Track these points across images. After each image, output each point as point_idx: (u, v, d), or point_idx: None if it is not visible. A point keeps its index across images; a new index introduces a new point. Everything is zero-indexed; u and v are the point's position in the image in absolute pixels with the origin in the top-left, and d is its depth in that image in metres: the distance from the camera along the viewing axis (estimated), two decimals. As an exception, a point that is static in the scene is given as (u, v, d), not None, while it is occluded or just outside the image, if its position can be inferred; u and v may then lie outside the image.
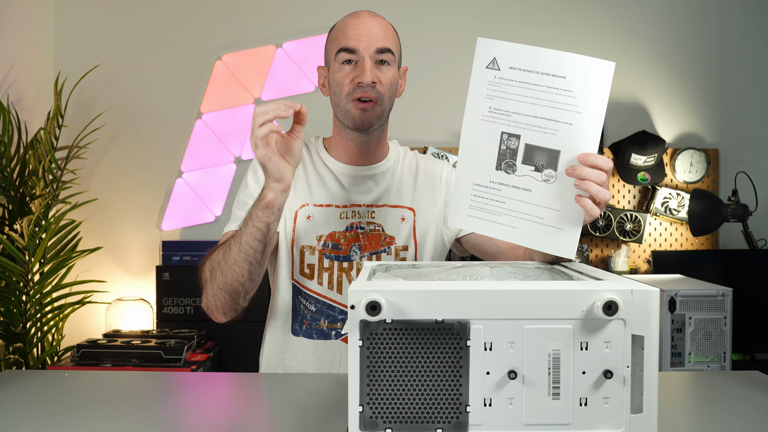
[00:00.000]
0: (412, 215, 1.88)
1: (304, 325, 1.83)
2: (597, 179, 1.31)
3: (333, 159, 1.90)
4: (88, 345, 3.13)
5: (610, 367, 1.07)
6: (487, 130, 1.37)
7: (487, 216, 1.39)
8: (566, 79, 1.35)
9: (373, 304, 1.04)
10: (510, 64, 1.36)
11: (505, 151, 1.37)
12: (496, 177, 1.38)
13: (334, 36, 1.80)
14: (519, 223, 1.38)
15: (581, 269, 1.33)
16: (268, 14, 4.01)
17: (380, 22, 1.79)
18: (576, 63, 1.36)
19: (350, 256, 1.82)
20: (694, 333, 2.73)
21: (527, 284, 1.11)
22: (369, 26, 1.75)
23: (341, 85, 1.77)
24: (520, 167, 1.36)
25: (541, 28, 4.03)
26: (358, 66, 1.75)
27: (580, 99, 1.34)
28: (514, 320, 1.07)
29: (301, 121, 1.56)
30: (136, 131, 4.00)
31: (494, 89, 1.37)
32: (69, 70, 3.76)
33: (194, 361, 3.14)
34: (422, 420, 1.08)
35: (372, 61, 1.74)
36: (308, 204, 1.84)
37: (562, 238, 1.36)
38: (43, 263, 3.34)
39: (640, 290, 1.06)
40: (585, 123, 1.34)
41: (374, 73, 1.74)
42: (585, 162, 1.32)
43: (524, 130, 1.35)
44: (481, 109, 1.37)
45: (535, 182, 1.36)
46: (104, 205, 3.94)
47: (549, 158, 1.35)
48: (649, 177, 3.86)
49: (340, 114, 1.82)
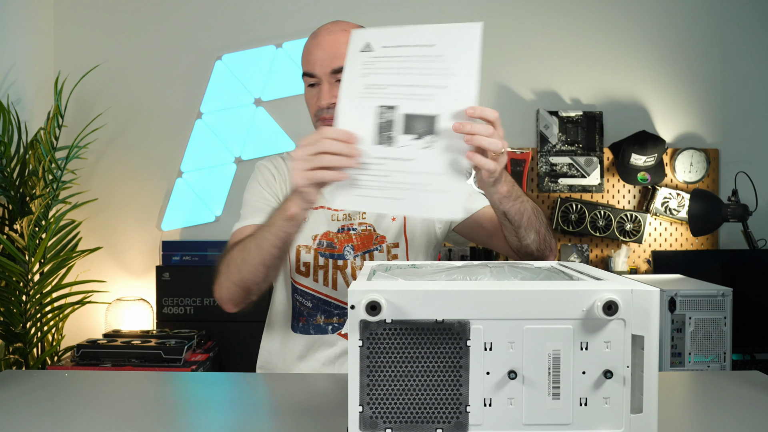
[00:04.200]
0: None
1: (301, 321, 1.88)
2: (485, 132, 1.32)
3: None
4: (88, 345, 3.14)
5: (610, 367, 1.07)
6: (363, 107, 1.39)
7: (374, 193, 1.39)
8: (436, 46, 1.36)
9: (373, 304, 1.05)
10: (383, 44, 1.39)
11: (384, 124, 1.37)
12: (376, 152, 1.38)
13: (302, 58, 1.83)
14: (406, 194, 1.37)
15: (581, 269, 1.33)
16: (268, 14, 4.01)
17: (336, 38, 1.77)
18: (443, 30, 1.37)
19: (344, 255, 1.86)
20: (694, 333, 2.73)
21: (527, 284, 1.11)
22: (324, 47, 1.76)
23: (309, 105, 1.85)
24: (400, 138, 1.36)
25: (540, 28, 4.04)
26: (318, 88, 1.79)
27: (451, 62, 1.35)
28: (514, 320, 1.07)
29: None
30: (136, 131, 4.00)
31: (368, 68, 1.39)
32: (69, 70, 3.76)
33: (194, 361, 3.14)
34: (422, 420, 1.08)
35: (329, 83, 1.76)
36: None
37: (448, 200, 1.36)
38: (43, 263, 3.34)
39: (640, 290, 1.05)
40: (460, 83, 1.34)
41: (332, 94, 1.74)
42: (472, 114, 1.32)
43: (401, 100, 1.36)
44: (356, 88, 1.39)
45: (417, 150, 1.36)
46: (104, 205, 3.94)
47: (428, 124, 1.35)
48: (649, 177, 3.87)
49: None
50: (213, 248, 3.77)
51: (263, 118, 3.99)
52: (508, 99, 4.03)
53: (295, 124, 3.97)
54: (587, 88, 4.05)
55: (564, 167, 3.95)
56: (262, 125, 3.99)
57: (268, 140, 3.98)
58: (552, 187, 3.95)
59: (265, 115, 3.99)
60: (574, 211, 3.88)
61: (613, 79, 4.06)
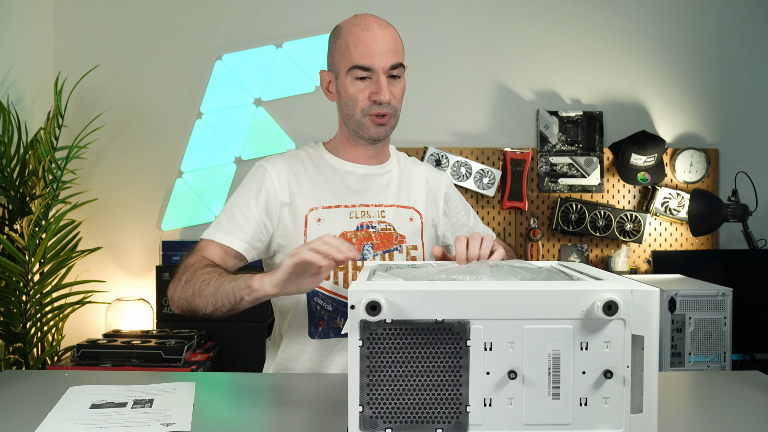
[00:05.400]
0: (419, 217, 1.93)
1: (320, 326, 1.84)
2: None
3: (340, 159, 1.91)
4: (88, 345, 3.13)
5: (610, 367, 1.07)
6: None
7: None
8: None
9: (373, 304, 1.05)
10: None
11: None
12: None
13: (344, 47, 1.79)
14: None
15: (581, 269, 1.33)
16: (268, 14, 4.01)
17: (390, 33, 1.79)
18: None
19: (364, 255, 1.84)
20: (694, 333, 2.74)
21: (527, 284, 1.12)
22: (380, 40, 1.76)
23: (355, 100, 1.79)
24: None
25: (539, 28, 4.03)
26: (374, 83, 1.76)
27: None
28: (514, 320, 1.07)
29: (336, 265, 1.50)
30: (136, 131, 4.00)
31: None
32: (69, 70, 3.76)
33: (194, 361, 3.14)
34: (422, 420, 1.08)
35: (386, 77, 1.76)
36: (317, 207, 1.84)
37: None
38: (43, 263, 3.34)
39: (640, 290, 1.06)
40: None
41: (390, 90, 1.76)
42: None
43: None
44: None
45: None
46: (104, 205, 3.94)
47: None
48: (649, 177, 3.87)
49: (353, 125, 1.83)
50: (213, 248, 3.77)
51: (263, 118, 3.99)
52: (508, 99, 4.02)
53: (295, 124, 3.96)
54: (587, 88, 4.05)
55: (564, 167, 3.95)
56: (262, 125, 3.99)
57: (268, 140, 3.98)
58: (552, 187, 3.95)
59: (265, 115, 3.99)
60: (574, 211, 3.88)
61: (613, 79, 4.06)
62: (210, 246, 1.82)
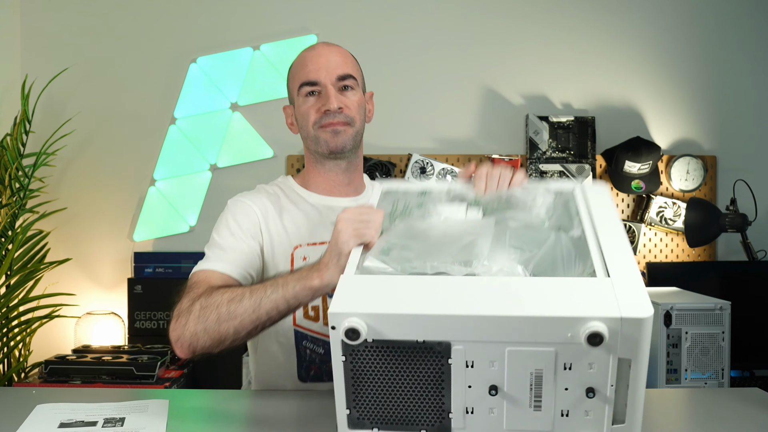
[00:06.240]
0: None
1: (312, 370, 1.82)
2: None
3: (314, 194, 1.92)
4: (56, 361, 3.14)
5: (594, 386, 1.09)
6: None
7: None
8: None
9: (352, 329, 1.07)
10: None
11: None
12: None
13: (294, 72, 1.86)
14: None
15: (600, 237, 1.31)
16: (244, 15, 4.01)
17: (337, 50, 1.87)
18: None
19: None
20: (690, 348, 2.75)
21: (510, 308, 1.10)
22: (326, 56, 1.82)
23: (307, 116, 1.83)
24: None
25: (529, 29, 4.05)
26: (322, 95, 1.81)
27: None
28: (496, 343, 1.09)
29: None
30: (106, 137, 4.00)
31: None
32: (37, 74, 3.76)
33: (168, 378, 3.15)
34: (407, 423, 1.13)
35: (335, 89, 1.80)
36: (302, 245, 1.84)
37: None
38: (9, 275, 3.34)
39: (630, 318, 1.05)
40: None
41: (339, 99, 1.80)
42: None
43: None
44: None
45: None
46: (73, 214, 3.94)
47: None
48: (644, 185, 3.88)
49: (311, 144, 1.86)
50: (187, 260, 3.78)
51: (240, 124, 4.00)
52: (496, 103, 4.04)
53: (273, 129, 3.97)
54: (579, 92, 4.07)
55: (555, 175, 3.96)
56: (239, 131, 4.00)
57: (244, 146, 3.99)
58: (543, 195, 3.96)
59: (242, 120, 3.99)
60: (566, 220, 3.89)
61: (606, 82, 4.08)
62: (212, 275, 1.74)
